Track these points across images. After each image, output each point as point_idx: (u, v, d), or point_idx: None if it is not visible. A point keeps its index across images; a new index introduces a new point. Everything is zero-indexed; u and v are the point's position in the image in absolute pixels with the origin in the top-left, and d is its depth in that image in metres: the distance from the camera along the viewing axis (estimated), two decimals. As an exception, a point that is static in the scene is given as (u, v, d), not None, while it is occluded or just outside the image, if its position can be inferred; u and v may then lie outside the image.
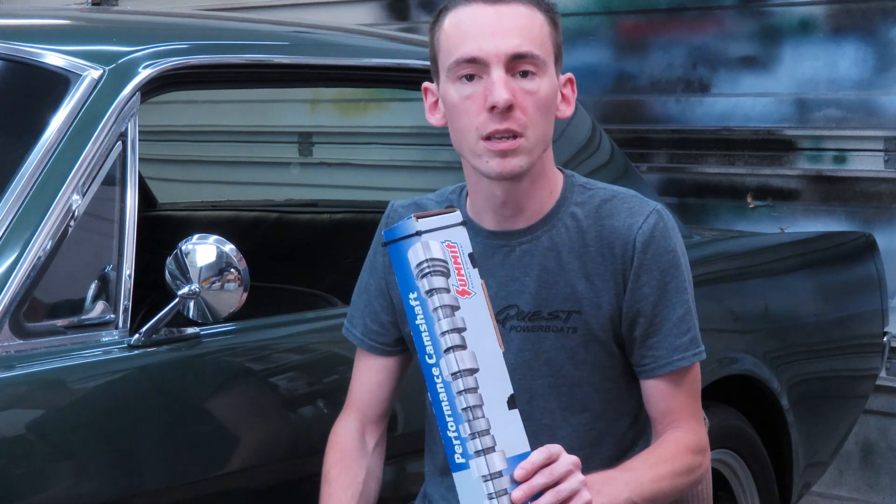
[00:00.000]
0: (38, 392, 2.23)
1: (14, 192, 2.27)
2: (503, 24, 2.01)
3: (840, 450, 3.83)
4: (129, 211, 2.37)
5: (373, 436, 2.25)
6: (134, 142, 2.41)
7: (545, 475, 1.86)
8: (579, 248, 2.10)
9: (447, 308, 1.85)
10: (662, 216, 2.10)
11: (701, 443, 2.13)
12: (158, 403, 2.33)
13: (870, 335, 3.75)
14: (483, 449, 1.84)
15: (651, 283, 2.08)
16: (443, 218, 1.90)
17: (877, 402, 4.40)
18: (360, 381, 2.27)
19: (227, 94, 5.56)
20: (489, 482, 1.84)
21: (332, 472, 2.19)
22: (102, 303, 2.32)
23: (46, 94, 2.43)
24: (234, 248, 2.31)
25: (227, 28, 3.14)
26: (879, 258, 3.79)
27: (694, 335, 2.11)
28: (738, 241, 3.87)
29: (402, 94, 5.24)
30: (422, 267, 1.86)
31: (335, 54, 2.99)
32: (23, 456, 2.14)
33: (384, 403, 2.26)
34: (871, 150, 4.51)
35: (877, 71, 4.50)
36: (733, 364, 3.27)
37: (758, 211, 4.77)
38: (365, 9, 5.78)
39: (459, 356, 1.84)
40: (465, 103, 2.02)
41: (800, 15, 4.65)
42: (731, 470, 3.31)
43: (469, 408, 1.84)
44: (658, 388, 2.11)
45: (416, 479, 2.37)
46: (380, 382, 2.25)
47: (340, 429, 2.24)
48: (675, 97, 4.94)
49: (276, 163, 5.99)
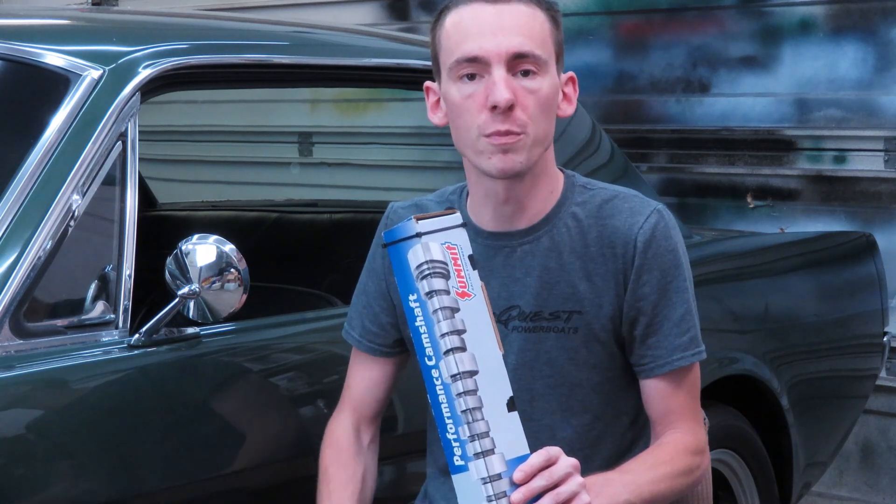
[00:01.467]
0: (38, 392, 2.23)
1: (14, 192, 2.27)
2: (504, 23, 2.01)
3: (840, 450, 3.83)
4: (129, 211, 2.37)
5: (367, 433, 2.25)
6: (134, 142, 2.41)
7: (544, 477, 1.86)
8: (580, 248, 2.10)
9: (447, 310, 1.85)
10: (663, 216, 2.10)
11: (700, 444, 2.13)
12: (158, 403, 2.33)
13: (870, 335, 3.75)
14: (482, 451, 1.83)
15: (651, 283, 2.08)
16: (443, 219, 1.90)
17: (877, 402, 4.40)
18: (356, 380, 2.27)
19: (227, 94, 5.56)
20: (488, 484, 1.84)
21: (329, 470, 2.19)
22: (102, 303, 2.32)
23: (46, 94, 2.43)
24: (234, 248, 2.31)
25: (227, 28, 3.14)
26: (879, 258, 3.79)
27: (694, 335, 2.11)
28: (738, 241, 3.87)
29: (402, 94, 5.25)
30: (422, 269, 1.86)
31: (335, 54, 2.99)
32: (23, 456, 2.14)
33: (380, 403, 2.26)
34: (871, 150, 4.51)
35: (877, 71, 4.50)
36: (733, 364, 3.27)
37: (758, 211, 4.77)
38: (365, 9, 5.78)
39: (459, 358, 1.84)
40: (466, 102, 2.02)
41: (800, 15, 4.65)
42: (731, 470, 3.31)
43: (468, 410, 1.84)
44: (657, 387, 2.11)
45: (416, 479, 2.37)
46: (376, 382, 2.25)
47: (336, 427, 2.24)
48: (675, 97, 4.94)
49: (276, 163, 5.99)
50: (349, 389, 2.27)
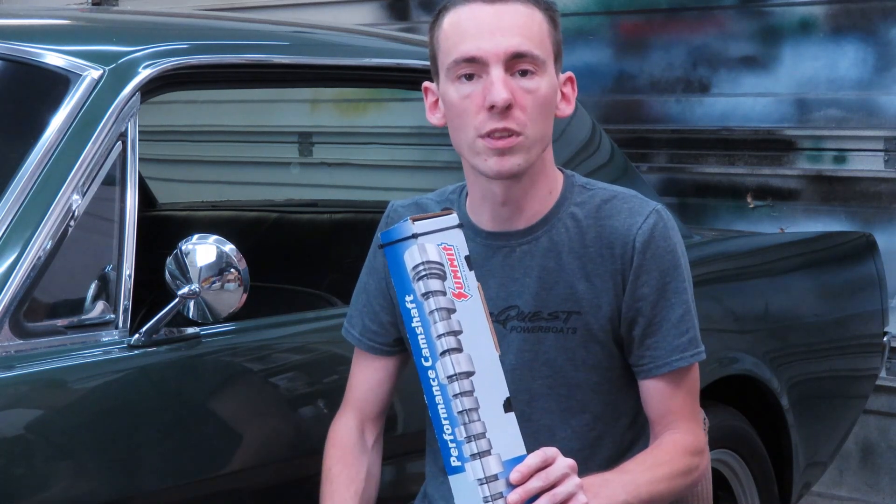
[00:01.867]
0: (38, 392, 2.23)
1: (14, 192, 2.27)
2: (502, 23, 2.01)
3: (840, 450, 3.83)
4: (129, 211, 2.37)
5: (371, 433, 2.25)
6: (134, 142, 2.41)
7: (541, 478, 1.86)
8: (579, 249, 2.09)
9: (443, 311, 1.85)
10: (662, 216, 2.10)
11: (699, 444, 2.13)
12: (158, 403, 2.33)
13: (870, 335, 3.75)
14: (479, 452, 1.83)
15: (650, 283, 2.08)
16: (439, 220, 1.90)
17: (877, 402, 4.40)
18: (358, 379, 2.27)
19: (227, 94, 5.56)
20: (485, 485, 1.84)
21: (333, 470, 2.19)
22: (102, 303, 2.32)
23: (46, 94, 2.43)
24: (234, 248, 2.31)
25: (227, 28, 3.14)
26: (879, 258, 3.79)
27: (693, 335, 2.11)
28: (738, 241, 3.87)
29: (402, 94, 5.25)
30: (418, 270, 1.86)
31: (335, 54, 2.99)
32: (23, 456, 2.14)
33: (382, 402, 2.26)
34: (871, 150, 4.51)
35: (877, 71, 4.50)
36: (733, 364, 3.27)
37: (758, 211, 4.77)
38: (365, 9, 5.78)
39: (455, 359, 1.84)
40: (464, 103, 2.02)
41: (800, 15, 4.65)
42: (731, 470, 3.31)
43: (465, 411, 1.83)
44: (656, 388, 2.11)
45: (416, 479, 2.37)
46: (379, 381, 2.25)
47: (339, 426, 2.24)
48: (675, 97, 4.94)
49: (276, 163, 5.99)
50: (352, 389, 2.27)
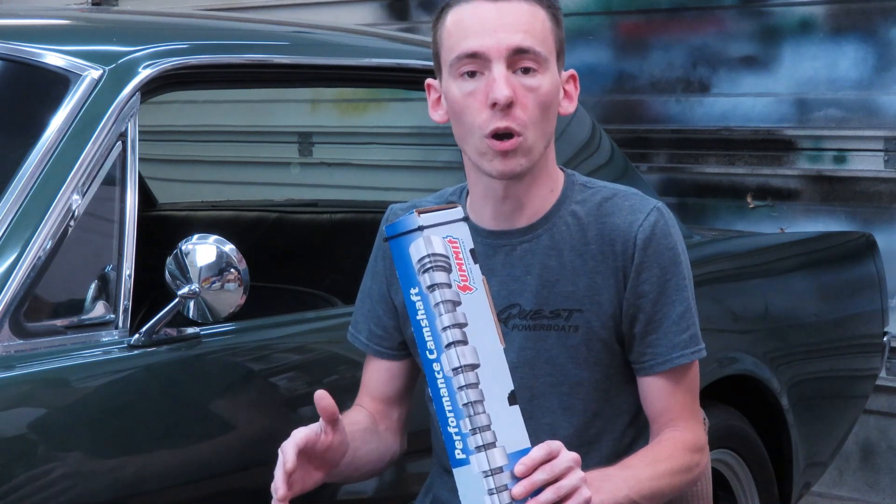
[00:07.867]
0: (39, 392, 2.23)
1: (14, 192, 2.27)
2: (505, 20, 2.01)
3: (840, 450, 3.83)
4: (129, 211, 2.37)
5: (383, 422, 2.23)
6: (134, 142, 2.41)
7: (546, 471, 1.86)
8: (580, 247, 2.10)
9: (449, 303, 1.85)
10: (663, 214, 2.10)
11: (699, 441, 2.13)
12: (158, 403, 2.33)
13: (870, 335, 3.75)
14: (483, 444, 1.83)
15: (651, 281, 2.08)
16: (445, 213, 1.90)
17: (877, 402, 4.40)
18: (368, 377, 2.26)
19: (227, 94, 5.56)
20: (489, 478, 1.84)
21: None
22: (102, 303, 2.32)
23: (46, 94, 2.43)
24: (234, 248, 2.31)
25: (227, 28, 3.14)
26: (879, 258, 3.79)
27: (693, 333, 2.11)
28: (738, 241, 3.87)
29: (402, 94, 5.25)
30: (423, 262, 1.86)
31: (335, 54, 2.99)
32: (23, 456, 2.14)
33: (395, 395, 2.24)
34: (871, 150, 4.51)
35: (877, 71, 4.50)
36: (733, 364, 3.27)
37: (758, 211, 4.78)
38: (365, 9, 5.78)
39: (460, 351, 1.84)
40: (467, 100, 2.03)
41: (800, 15, 4.65)
42: (731, 470, 3.31)
43: (470, 403, 1.83)
44: (656, 385, 2.11)
45: (416, 478, 2.37)
46: (389, 382, 2.24)
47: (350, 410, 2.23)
48: (675, 97, 4.94)
49: (276, 163, 5.99)
50: (363, 386, 2.27)
